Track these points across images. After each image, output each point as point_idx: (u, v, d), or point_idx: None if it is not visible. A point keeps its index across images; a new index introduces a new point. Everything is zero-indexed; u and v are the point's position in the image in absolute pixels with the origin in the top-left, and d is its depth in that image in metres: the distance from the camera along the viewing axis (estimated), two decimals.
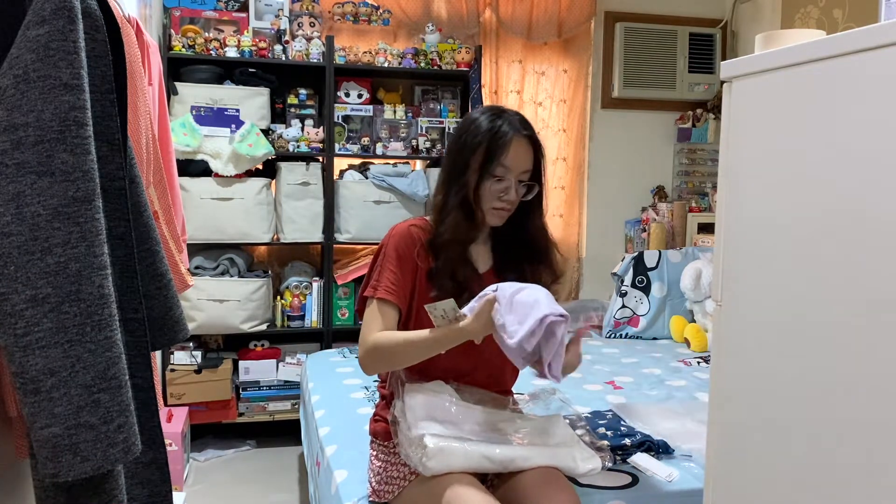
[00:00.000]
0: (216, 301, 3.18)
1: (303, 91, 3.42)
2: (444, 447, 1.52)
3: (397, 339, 1.59)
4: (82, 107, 1.06)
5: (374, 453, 1.75)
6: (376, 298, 1.63)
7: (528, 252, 1.73)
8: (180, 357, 3.23)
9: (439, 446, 1.51)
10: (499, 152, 1.61)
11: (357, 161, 3.59)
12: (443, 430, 1.55)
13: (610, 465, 1.80)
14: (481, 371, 1.72)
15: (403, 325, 1.68)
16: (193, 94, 3.20)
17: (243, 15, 3.37)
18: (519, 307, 1.45)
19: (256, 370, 3.37)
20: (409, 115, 3.54)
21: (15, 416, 1.24)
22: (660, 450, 1.95)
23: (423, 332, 1.56)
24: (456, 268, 1.65)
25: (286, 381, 3.39)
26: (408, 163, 3.55)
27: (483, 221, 1.68)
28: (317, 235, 3.40)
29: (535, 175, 1.68)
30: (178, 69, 3.28)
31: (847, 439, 1.04)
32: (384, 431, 1.72)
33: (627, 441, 1.94)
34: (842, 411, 1.05)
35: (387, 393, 1.75)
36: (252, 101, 3.26)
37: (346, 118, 3.48)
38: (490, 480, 1.65)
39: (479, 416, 1.61)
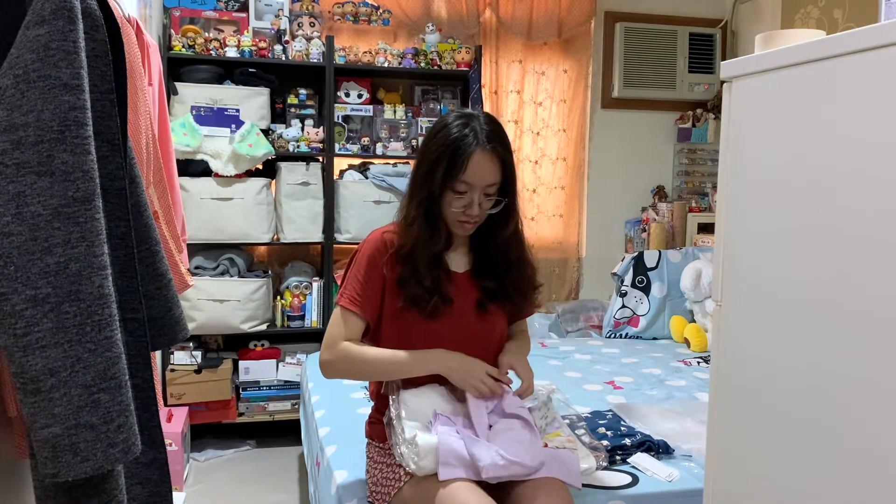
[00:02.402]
0: (216, 301, 3.17)
1: (303, 91, 3.42)
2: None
3: (366, 353, 1.61)
4: (82, 107, 1.06)
5: (371, 455, 1.75)
6: (340, 306, 1.65)
7: (502, 259, 1.70)
8: (180, 357, 3.23)
9: (432, 445, 1.51)
10: (459, 168, 1.55)
11: (357, 161, 3.59)
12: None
13: (605, 464, 1.80)
14: None
15: (372, 333, 1.69)
16: (193, 94, 3.20)
17: (243, 15, 3.37)
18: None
19: (256, 370, 3.37)
20: (409, 115, 3.53)
21: (15, 416, 1.24)
22: (660, 450, 1.95)
23: (395, 352, 1.60)
24: (423, 274, 1.62)
25: (286, 381, 3.39)
26: (408, 163, 3.54)
27: (450, 231, 1.65)
28: (317, 235, 3.40)
29: (505, 186, 1.61)
30: (178, 69, 3.28)
31: (847, 439, 1.04)
32: (379, 433, 1.72)
33: (627, 441, 1.94)
34: (842, 411, 1.05)
35: (380, 395, 1.75)
36: (252, 101, 3.26)
37: (346, 118, 3.48)
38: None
39: None
